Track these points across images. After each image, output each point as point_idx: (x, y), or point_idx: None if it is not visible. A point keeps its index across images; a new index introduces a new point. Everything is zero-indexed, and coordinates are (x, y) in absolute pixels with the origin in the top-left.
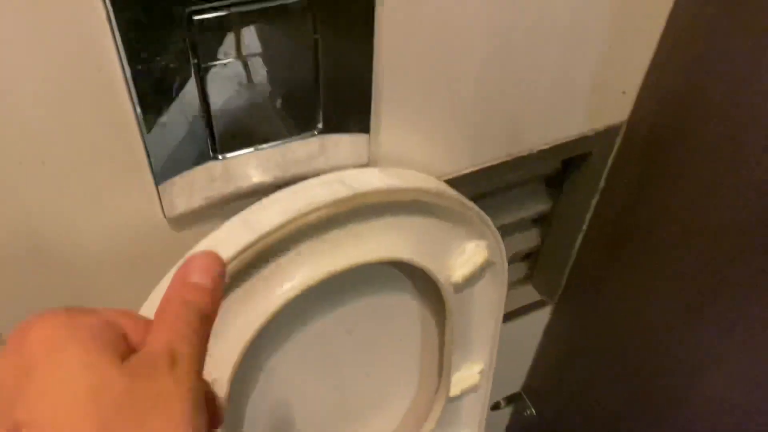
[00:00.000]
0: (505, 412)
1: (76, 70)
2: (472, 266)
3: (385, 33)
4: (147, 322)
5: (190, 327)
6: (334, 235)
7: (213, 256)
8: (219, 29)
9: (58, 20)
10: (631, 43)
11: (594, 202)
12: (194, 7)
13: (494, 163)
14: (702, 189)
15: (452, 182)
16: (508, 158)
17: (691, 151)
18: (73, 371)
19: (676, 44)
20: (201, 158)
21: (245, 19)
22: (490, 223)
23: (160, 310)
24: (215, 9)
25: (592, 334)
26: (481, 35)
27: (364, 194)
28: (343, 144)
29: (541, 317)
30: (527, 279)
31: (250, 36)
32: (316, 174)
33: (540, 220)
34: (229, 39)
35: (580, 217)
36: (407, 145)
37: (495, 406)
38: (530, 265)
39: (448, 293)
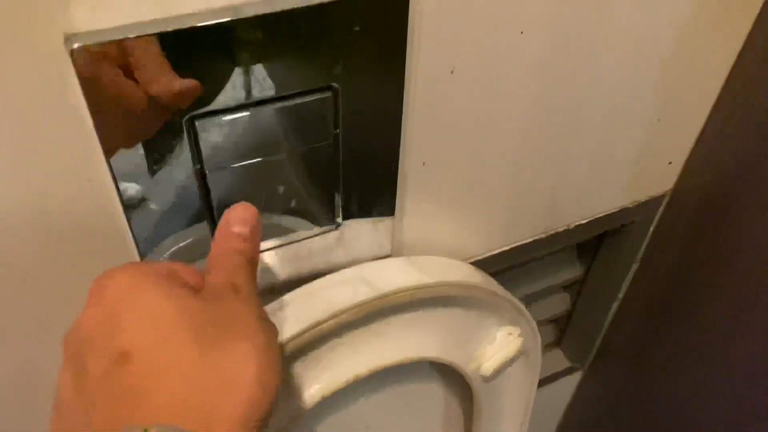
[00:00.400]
0: None
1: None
2: (503, 357)
3: (416, 110)
4: (199, 271)
5: (241, 267)
6: (353, 338)
7: (249, 209)
8: (226, 130)
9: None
10: (682, 113)
11: (633, 270)
12: (195, 112)
13: (527, 241)
14: (758, 265)
15: (482, 262)
16: (543, 235)
17: (744, 223)
18: (156, 302)
19: (732, 112)
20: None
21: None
22: (524, 309)
23: (213, 258)
24: (221, 112)
25: (624, 406)
26: (519, 114)
27: (388, 295)
28: (365, 232)
29: (569, 384)
30: (556, 343)
31: (260, 136)
32: (334, 269)
33: (571, 285)
34: (237, 140)
35: (616, 284)
36: (435, 229)
37: None
38: (559, 329)
39: (476, 384)
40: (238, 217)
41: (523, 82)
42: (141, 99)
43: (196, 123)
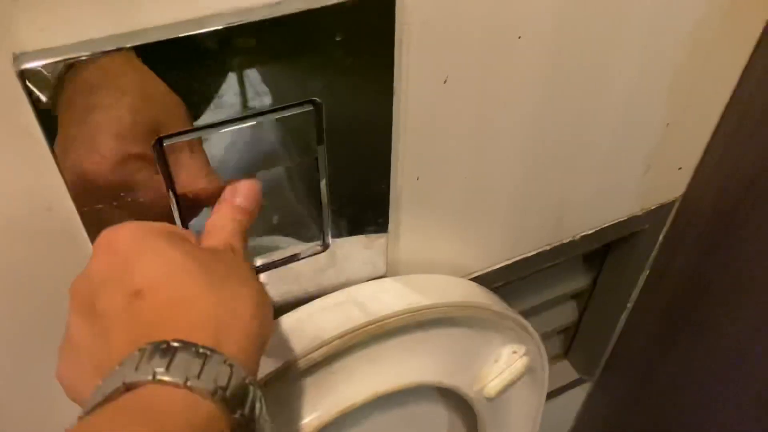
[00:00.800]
0: None
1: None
2: (508, 378)
3: (408, 123)
4: (196, 234)
5: (237, 233)
6: (347, 365)
7: (254, 185)
8: (196, 150)
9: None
10: (692, 117)
11: (643, 278)
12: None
13: (531, 254)
14: None
15: (484, 278)
16: (548, 247)
17: (758, 229)
18: (164, 247)
19: (744, 115)
20: None
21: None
22: (529, 326)
23: (211, 223)
24: (190, 131)
25: (634, 420)
26: (519, 124)
27: (382, 320)
28: (358, 251)
29: (577, 396)
30: (563, 354)
31: (236, 154)
32: (324, 291)
33: (578, 294)
34: (212, 160)
35: (625, 293)
36: (432, 246)
37: None
38: (566, 339)
39: (480, 406)
40: (243, 191)
41: (523, 89)
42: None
43: (165, 144)
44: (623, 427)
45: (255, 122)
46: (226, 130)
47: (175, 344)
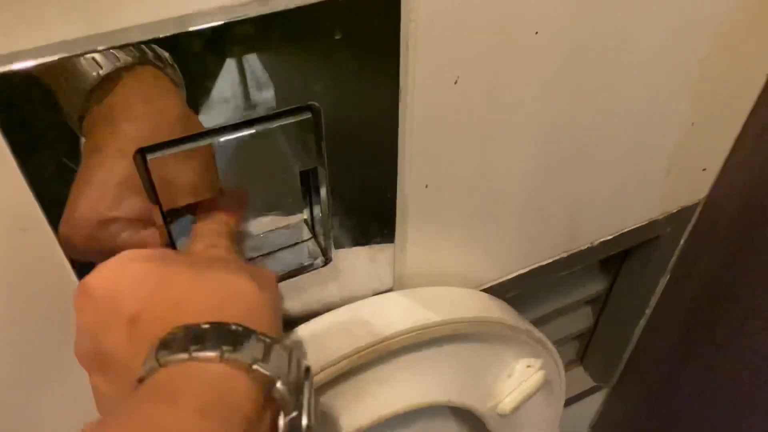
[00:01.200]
0: None
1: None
2: (523, 393)
3: (415, 127)
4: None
5: (224, 236)
6: (352, 387)
7: (242, 198)
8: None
9: None
10: (718, 116)
11: (662, 283)
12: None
13: (546, 262)
14: None
15: (497, 288)
16: (564, 255)
17: None
18: (141, 268)
19: None
20: None
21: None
22: (545, 339)
23: (199, 228)
24: (174, 143)
25: (653, 427)
26: (535, 126)
27: (387, 339)
28: (362, 264)
29: (592, 404)
30: (578, 361)
31: (227, 166)
32: (328, 308)
33: (594, 300)
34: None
35: (643, 298)
36: (442, 257)
37: None
38: (581, 345)
39: (494, 423)
40: (229, 195)
41: (539, 89)
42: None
43: (147, 157)
44: None
45: (247, 132)
46: (213, 140)
47: (205, 326)
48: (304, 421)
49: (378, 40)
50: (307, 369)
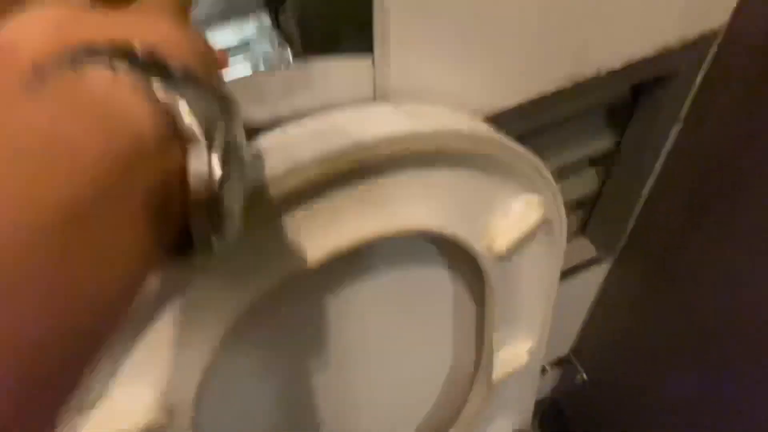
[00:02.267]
0: (548, 377)
1: None
2: (520, 231)
3: None
4: None
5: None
6: (328, 203)
7: None
8: None
9: None
10: None
11: (673, 134)
12: None
13: (549, 92)
14: None
15: (494, 121)
16: (568, 84)
17: None
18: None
19: None
20: None
21: None
22: (546, 171)
23: None
24: None
25: (659, 297)
26: None
27: (371, 147)
28: (337, 71)
29: (597, 274)
30: (581, 230)
31: None
32: (299, 115)
33: (599, 160)
34: None
35: (652, 154)
36: (430, 74)
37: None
38: (585, 214)
39: (488, 265)
40: None
41: None
42: None
43: None
44: (646, 308)
45: None
46: None
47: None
48: (214, 160)
49: None
50: (229, 100)
